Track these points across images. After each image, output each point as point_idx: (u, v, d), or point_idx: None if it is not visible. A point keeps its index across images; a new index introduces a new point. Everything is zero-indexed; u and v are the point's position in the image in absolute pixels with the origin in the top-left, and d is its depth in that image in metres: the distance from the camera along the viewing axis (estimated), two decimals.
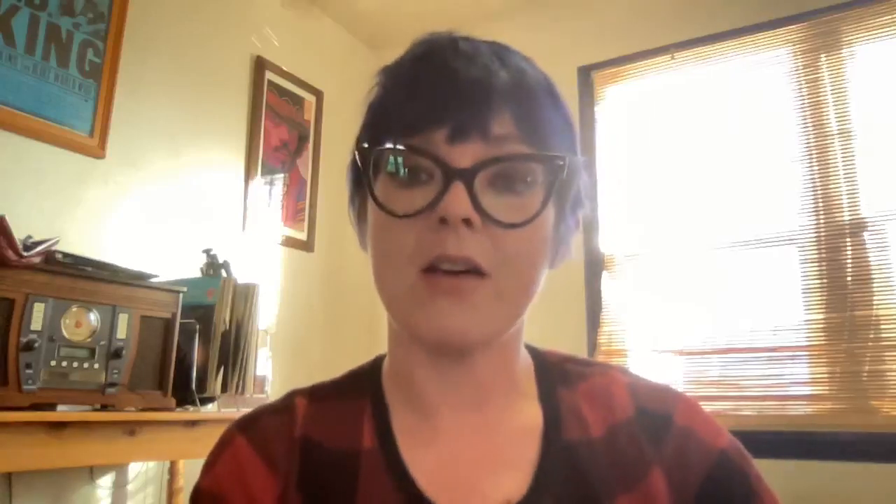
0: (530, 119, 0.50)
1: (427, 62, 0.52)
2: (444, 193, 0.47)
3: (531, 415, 0.55)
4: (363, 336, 2.85)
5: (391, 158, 0.50)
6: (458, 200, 0.46)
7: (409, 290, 0.49)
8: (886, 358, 2.07)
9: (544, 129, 0.51)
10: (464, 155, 0.48)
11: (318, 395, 0.59)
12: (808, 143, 2.29)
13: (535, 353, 0.60)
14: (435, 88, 0.49)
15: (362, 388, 0.58)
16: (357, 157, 0.52)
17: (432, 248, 0.48)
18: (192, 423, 1.62)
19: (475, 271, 0.48)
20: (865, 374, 2.08)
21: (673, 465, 0.52)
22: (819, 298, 2.19)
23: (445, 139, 0.48)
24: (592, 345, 2.51)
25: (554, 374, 0.58)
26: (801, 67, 2.35)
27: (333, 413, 0.57)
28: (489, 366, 0.54)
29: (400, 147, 0.49)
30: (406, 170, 0.50)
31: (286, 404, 0.58)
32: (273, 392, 2.03)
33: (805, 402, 2.16)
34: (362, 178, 0.52)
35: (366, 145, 0.51)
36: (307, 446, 0.54)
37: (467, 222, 0.47)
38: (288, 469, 0.53)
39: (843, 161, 2.22)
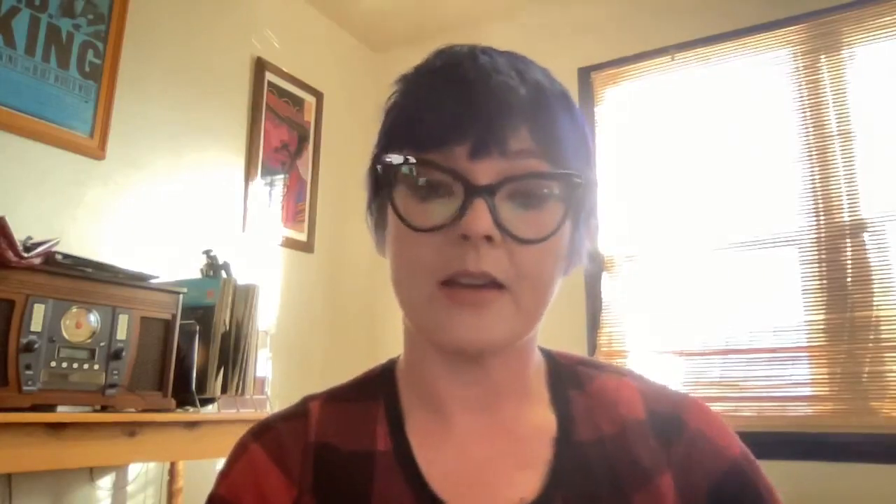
0: (547, 135, 0.51)
1: (447, 76, 0.52)
2: (466, 210, 0.48)
3: (543, 416, 0.56)
4: (363, 337, 2.85)
5: (412, 172, 0.51)
6: (480, 218, 0.47)
7: (429, 301, 0.50)
8: (886, 359, 2.07)
9: (561, 144, 0.51)
10: (483, 171, 0.49)
11: (332, 398, 0.60)
12: (808, 143, 2.29)
13: (548, 355, 0.61)
14: (456, 104, 0.50)
15: (376, 389, 0.59)
16: (379, 169, 0.52)
17: (452, 264, 0.49)
18: (192, 425, 1.61)
19: (493, 284, 0.49)
20: (866, 375, 2.08)
21: (682, 468, 0.53)
22: (819, 299, 2.19)
23: (466, 155, 0.49)
24: (592, 346, 2.51)
25: (566, 377, 0.59)
26: (801, 68, 2.35)
27: (347, 416, 0.57)
28: (504, 368, 0.55)
29: (423, 162, 0.50)
30: (425, 182, 0.50)
31: (300, 410, 0.59)
32: (273, 393, 2.03)
33: (805, 403, 2.16)
34: (382, 187, 0.53)
35: (389, 159, 0.51)
36: (321, 451, 0.55)
37: (488, 238, 0.48)
38: (303, 475, 0.54)
39: (843, 161, 2.22)
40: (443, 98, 0.51)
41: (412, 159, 0.50)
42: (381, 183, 0.54)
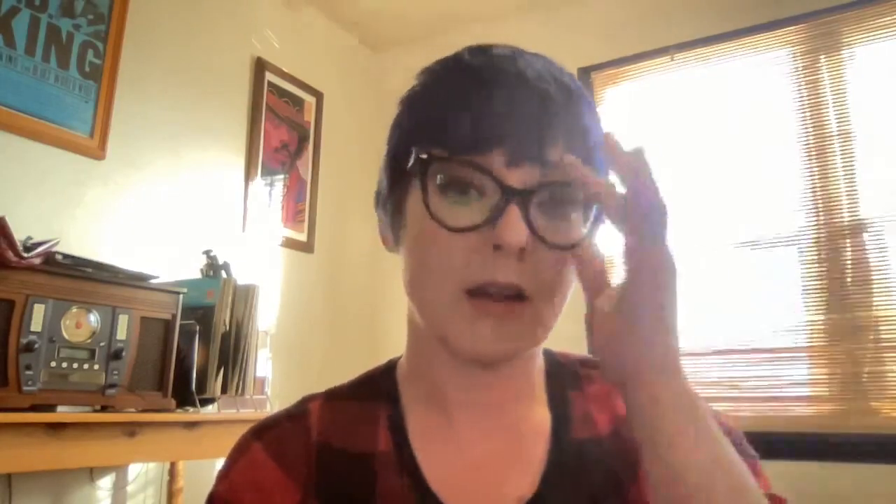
0: (581, 145, 0.51)
1: (484, 76, 0.51)
2: (501, 214, 0.47)
3: (542, 415, 0.57)
4: (363, 337, 2.85)
5: (447, 170, 0.50)
6: (516, 229, 0.47)
7: (453, 307, 0.50)
8: (886, 359, 2.07)
9: (590, 154, 0.52)
10: (518, 178, 0.49)
11: (333, 398, 0.59)
12: (808, 143, 2.29)
13: (548, 355, 0.61)
14: (495, 107, 0.49)
15: (378, 390, 0.59)
16: (410, 163, 0.51)
17: (482, 273, 0.48)
18: (192, 425, 1.61)
19: (518, 296, 0.49)
20: (865, 376, 2.08)
21: None
22: (819, 300, 2.19)
23: (502, 161, 0.49)
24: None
25: (565, 376, 0.60)
26: (800, 68, 2.35)
27: (349, 416, 0.57)
28: (515, 373, 0.56)
29: (464, 162, 0.49)
30: (455, 182, 0.50)
31: (301, 410, 0.58)
32: (273, 393, 2.03)
33: (805, 404, 2.16)
34: (403, 182, 0.53)
35: (424, 155, 0.50)
36: (323, 451, 0.55)
37: (521, 251, 0.48)
38: (305, 475, 0.54)
39: (843, 162, 2.22)
40: (482, 99, 0.50)
41: (452, 157, 0.49)
42: (404, 177, 0.53)
